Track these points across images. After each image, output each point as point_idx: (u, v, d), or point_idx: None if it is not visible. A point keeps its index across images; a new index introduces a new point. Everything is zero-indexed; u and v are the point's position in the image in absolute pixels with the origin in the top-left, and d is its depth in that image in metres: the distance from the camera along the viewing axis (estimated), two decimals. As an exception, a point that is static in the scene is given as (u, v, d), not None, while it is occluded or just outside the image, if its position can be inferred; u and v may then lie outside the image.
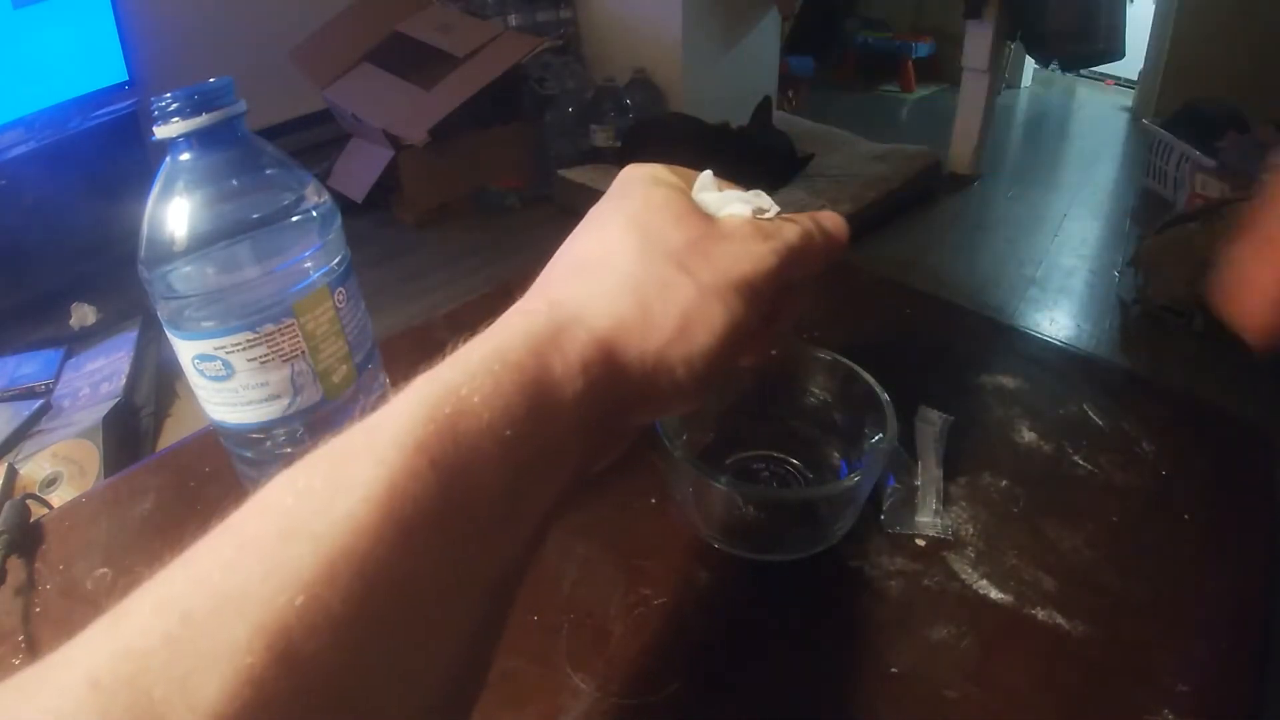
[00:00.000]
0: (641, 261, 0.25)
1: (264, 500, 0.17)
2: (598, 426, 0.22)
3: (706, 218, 0.28)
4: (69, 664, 0.14)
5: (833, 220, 0.31)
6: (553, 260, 0.27)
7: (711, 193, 0.30)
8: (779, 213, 0.29)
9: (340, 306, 0.40)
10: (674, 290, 0.24)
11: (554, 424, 0.21)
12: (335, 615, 0.15)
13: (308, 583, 0.15)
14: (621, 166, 0.31)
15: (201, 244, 0.36)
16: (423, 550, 0.17)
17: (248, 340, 0.37)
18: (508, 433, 0.19)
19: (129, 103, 1.44)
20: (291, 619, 0.15)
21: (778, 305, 0.28)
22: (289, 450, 0.41)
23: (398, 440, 0.18)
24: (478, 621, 0.19)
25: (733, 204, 0.29)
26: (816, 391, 0.48)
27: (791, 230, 0.28)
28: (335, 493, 0.17)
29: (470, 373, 0.20)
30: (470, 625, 0.18)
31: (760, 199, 0.30)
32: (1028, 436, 0.51)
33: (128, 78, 1.44)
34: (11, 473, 1.14)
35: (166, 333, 0.39)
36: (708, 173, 0.31)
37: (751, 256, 0.26)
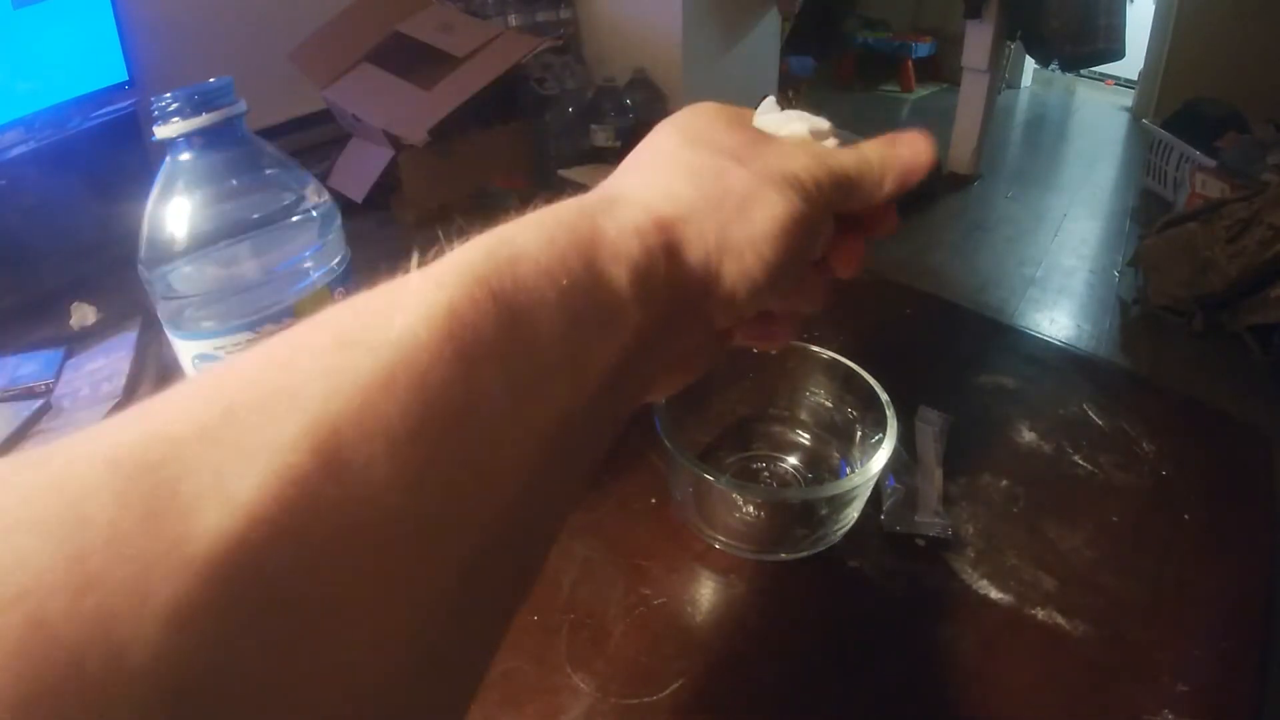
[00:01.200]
0: (694, 153, 0.24)
1: (320, 317, 0.17)
2: (662, 307, 0.21)
3: (759, 130, 0.27)
4: (93, 439, 0.13)
5: (911, 143, 0.28)
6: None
7: (773, 114, 0.29)
8: (838, 143, 0.28)
9: (340, 306, 0.40)
10: (728, 175, 0.23)
11: (609, 284, 0.20)
12: (391, 427, 0.14)
13: (364, 387, 0.14)
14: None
15: (201, 244, 0.36)
16: (482, 380, 0.16)
17: (248, 340, 0.37)
18: (564, 281, 0.18)
19: (129, 103, 1.44)
20: (344, 422, 0.14)
21: (834, 247, 0.27)
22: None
23: (457, 270, 0.17)
24: (532, 477, 0.17)
25: (793, 123, 0.28)
26: (816, 391, 0.48)
27: (848, 156, 0.27)
28: (394, 311, 0.16)
29: (524, 226, 0.20)
30: (524, 476, 0.17)
31: (820, 121, 0.28)
32: (1028, 436, 0.51)
33: (128, 78, 1.44)
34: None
35: (166, 333, 0.39)
36: (770, 98, 0.30)
37: (804, 158, 0.25)
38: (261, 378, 0.15)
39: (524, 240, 0.19)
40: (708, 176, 0.23)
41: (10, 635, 0.10)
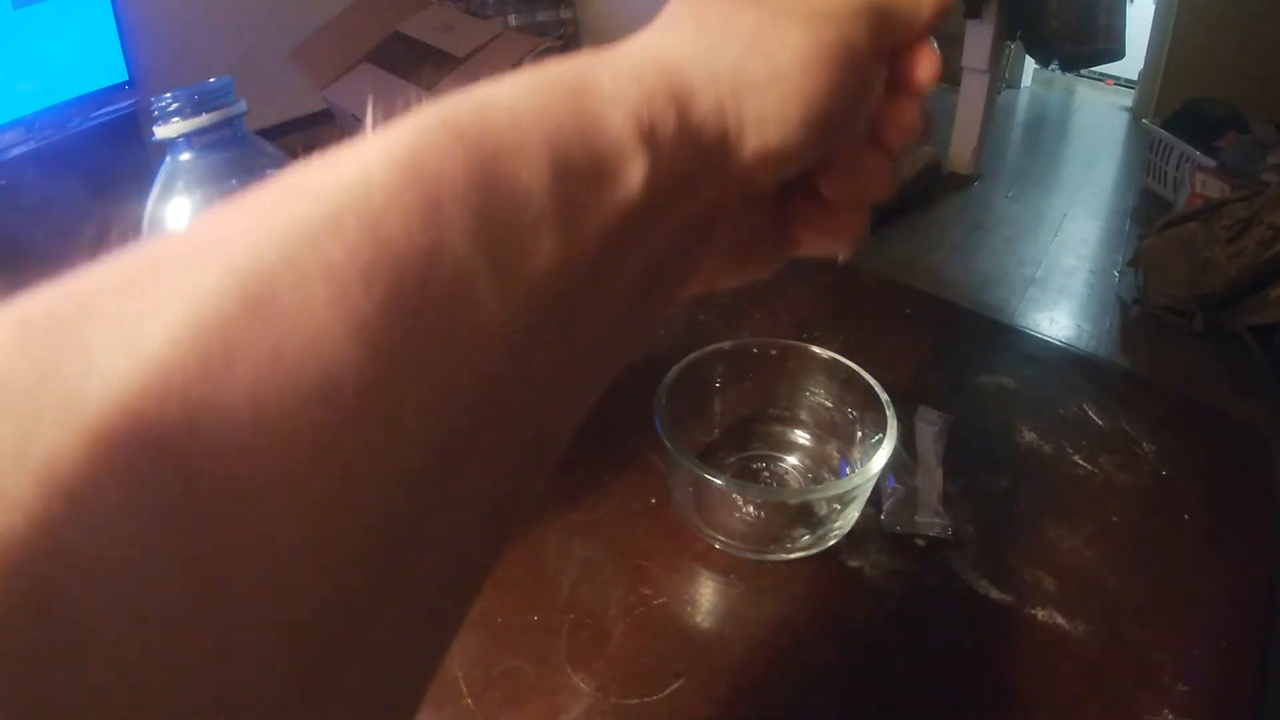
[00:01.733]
0: (703, 6, 0.21)
1: (266, 183, 0.14)
2: (673, 160, 0.18)
3: None
4: (9, 303, 0.12)
5: None
6: None
7: None
8: None
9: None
10: (742, 17, 0.20)
11: (604, 129, 0.17)
12: (335, 267, 0.12)
13: (304, 230, 0.12)
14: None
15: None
16: (449, 224, 0.14)
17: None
18: (549, 126, 0.16)
19: (129, 103, 1.44)
20: (278, 265, 0.12)
21: (882, 114, 0.24)
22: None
23: (420, 118, 0.15)
24: (521, 344, 0.15)
25: None
26: (816, 391, 0.48)
27: None
28: (346, 159, 0.14)
29: (501, 80, 0.17)
30: (510, 339, 0.15)
31: None
32: (1028, 436, 0.51)
33: (128, 78, 1.44)
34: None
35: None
36: None
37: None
38: (194, 233, 0.13)
39: (499, 89, 0.17)
40: (716, 22, 0.20)
41: None
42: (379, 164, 0.14)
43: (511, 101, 0.16)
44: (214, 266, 0.12)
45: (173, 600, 0.10)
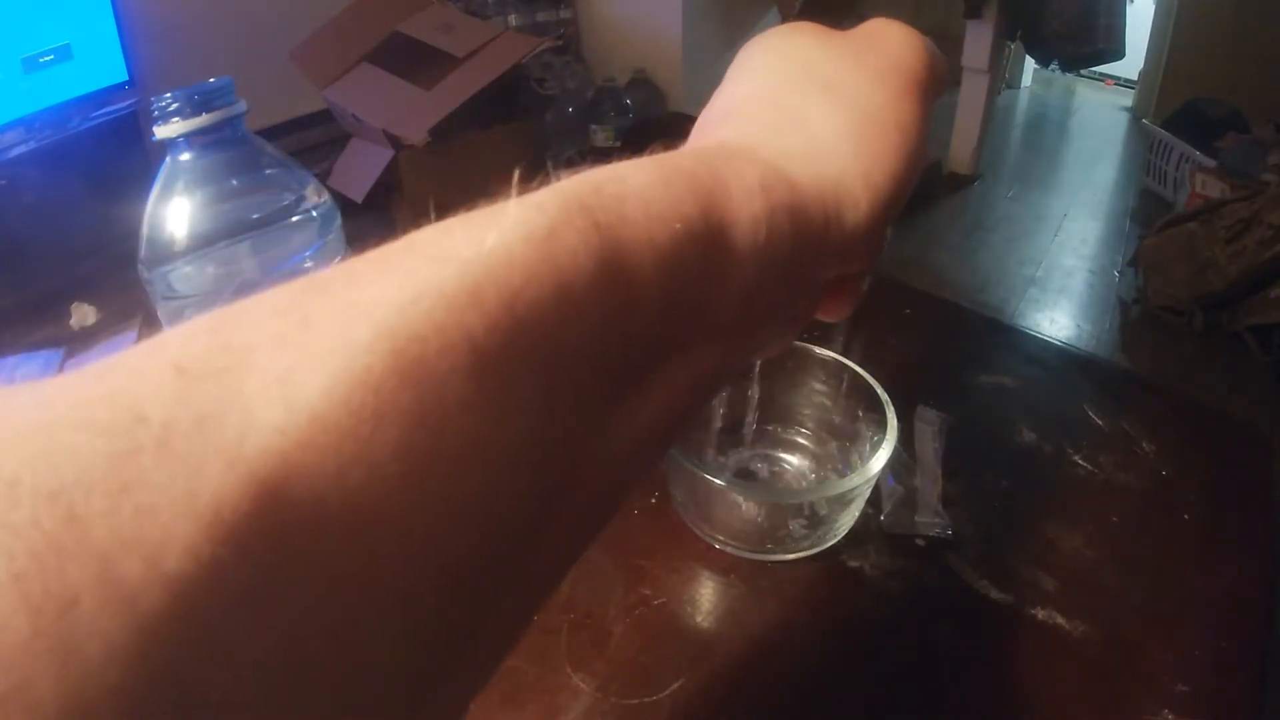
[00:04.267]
0: (790, 91, 0.23)
1: (409, 237, 0.15)
2: (779, 267, 0.19)
3: (851, 42, 0.25)
4: (158, 349, 0.12)
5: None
6: (701, 116, 0.25)
7: None
8: None
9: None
10: (834, 114, 0.22)
11: (725, 242, 0.18)
12: (475, 341, 0.13)
13: (450, 297, 0.13)
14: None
15: (202, 244, 0.36)
16: (575, 311, 0.14)
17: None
18: (677, 226, 0.17)
19: (129, 103, 1.44)
20: (427, 329, 0.13)
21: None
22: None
23: (562, 196, 0.16)
24: (598, 418, 0.16)
25: None
26: (816, 391, 0.48)
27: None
28: (488, 229, 0.14)
29: (638, 165, 0.18)
30: (600, 411, 0.16)
31: None
32: (1028, 436, 0.51)
33: (128, 78, 1.44)
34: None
35: (166, 333, 0.39)
36: None
37: (903, 41, 0.24)
38: (341, 291, 0.13)
39: (637, 179, 0.17)
40: (820, 127, 0.22)
41: (44, 534, 0.09)
42: (519, 239, 0.14)
43: (646, 195, 0.17)
44: (363, 326, 0.12)
45: (318, 631, 0.11)
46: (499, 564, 0.14)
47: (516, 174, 0.17)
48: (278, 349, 0.12)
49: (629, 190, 0.17)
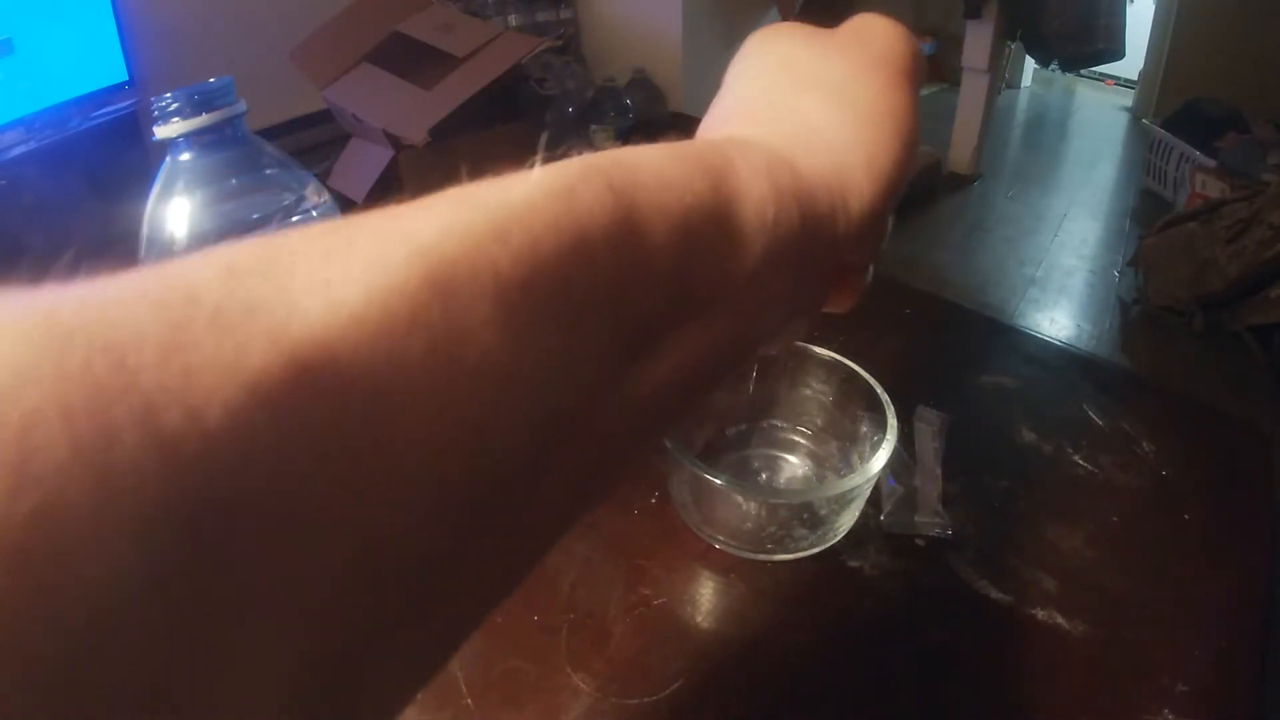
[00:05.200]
0: (784, 90, 0.24)
1: (444, 192, 0.16)
2: (786, 249, 0.20)
3: (841, 39, 0.26)
4: (211, 254, 0.13)
5: None
6: (701, 124, 0.26)
7: None
8: None
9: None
10: (828, 108, 0.23)
11: (734, 218, 0.19)
12: (501, 271, 0.14)
13: (478, 234, 0.14)
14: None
15: (202, 244, 0.36)
16: (591, 262, 0.16)
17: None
18: (688, 198, 0.18)
19: (129, 103, 1.43)
20: (458, 257, 0.14)
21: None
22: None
23: (583, 164, 0.17)
24: (608, 378, 0.17)
25: None
26: (817, 391, 0.48)
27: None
28: (515, 183, 0.16)
29: (653, 146, 0.19)
30: (603, 373, 0.17)
31: None
32: (1028, 436, 0.51)
33: (128, 78, 1.44)
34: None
35: (166, 333, 0.39)
36: None
37: (888, 33, 0.25)
38: (382, 223, 0.15)
39: (651, 155, 0.19)
40: (815, 113, 0.23)
41: (94, 377, 0.10)
42: (542, 192, 0.16)
43: (660, 167, 0.18)
44: (401, 249, 0.14)
45: (329, 506, 0.12)
46: (497, 492, 0.15)
47: (540, 150, 0.18)
48: (324, 260, 0.13)
49: (643, 163, 0.18)
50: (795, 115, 0.23)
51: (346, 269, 0.13)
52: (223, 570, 0.11)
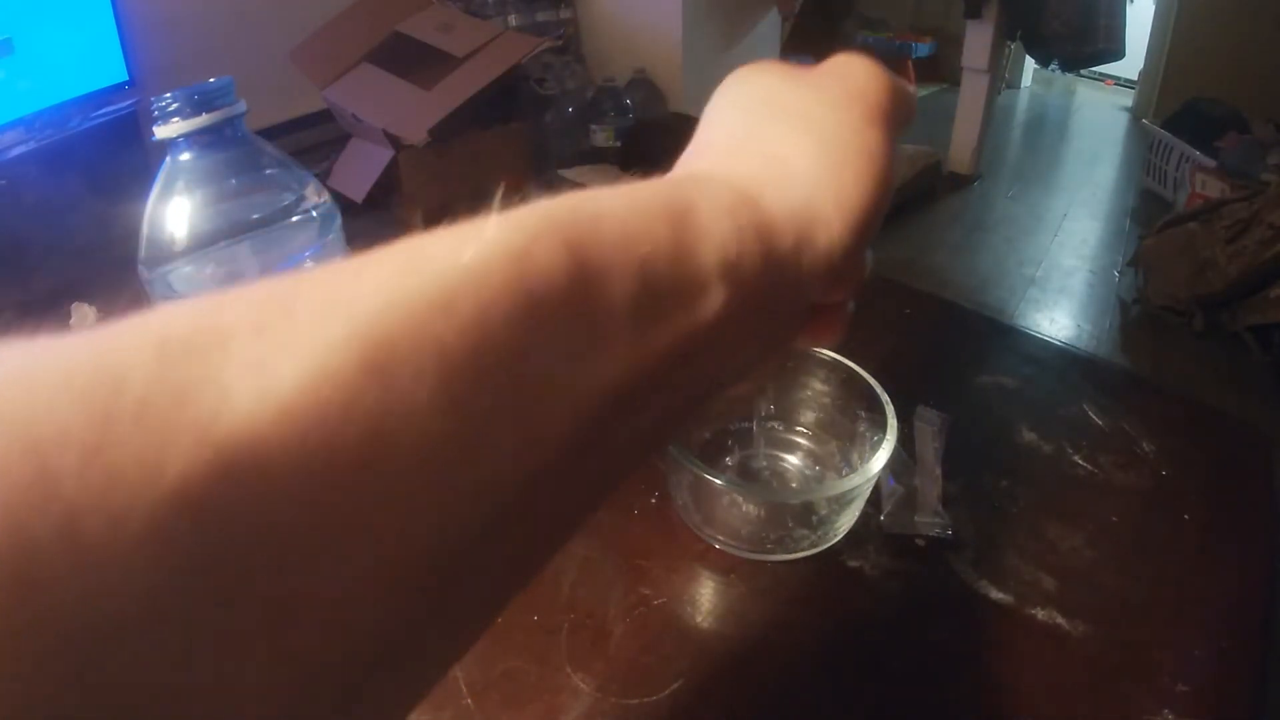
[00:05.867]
0: (756, 123, 0.24)
1: (393, 246, 0.16)
2: (753, 290, 0.20)
3: (816, 78, 0.26)
4: (144, 323, 0.13)
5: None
6: (681, 157, 0.26)
7: None
8: None
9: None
10: (798, 140, 0.23)
11: (694, 260, 0.19)
12: (445, 347, 0.14)
13: (425, 305, 0.14)
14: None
15: (202, 244, 0.36)
16: (543, 329, 0.15)
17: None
18: (646, 248, 0.18)
19: (129, 103, 1.43)
20: (399, 334, 0.13)
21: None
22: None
23: (538, 217, 0.17)
24: (573, 442, 0.17)
25: None
26: (817, 391, 0.48)
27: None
28: (467, 244, 0.15)
29: (614, 191, 0.19)
30: (565, 439, 0.16)
31: None
32: (1028, 436, 0.51)
33: (128, 78, 1.43)
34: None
35: (166, 333, 0.39)
36: None
37: (865, 72, 0.25)
38: (323, 289, 0.14)
39: (611, 203, 0.18)
40: (784, 147, 0.23)
41: (13, 483, 0.10)
42: (497, 255, 0.15)
43: (620, 216, 0.18)
44: (339, 325, 0.13)
45: (256, 611, 0.12)
46: (450, 571, 0.15)
47: (500, 188, 0.17)
48: (257, 337, 0.13)
49: (603, 211, 0.18)
50: (764, 148, 0.23)
51: (281, 348, 0.13)
52: (133, 691, 0.11)
